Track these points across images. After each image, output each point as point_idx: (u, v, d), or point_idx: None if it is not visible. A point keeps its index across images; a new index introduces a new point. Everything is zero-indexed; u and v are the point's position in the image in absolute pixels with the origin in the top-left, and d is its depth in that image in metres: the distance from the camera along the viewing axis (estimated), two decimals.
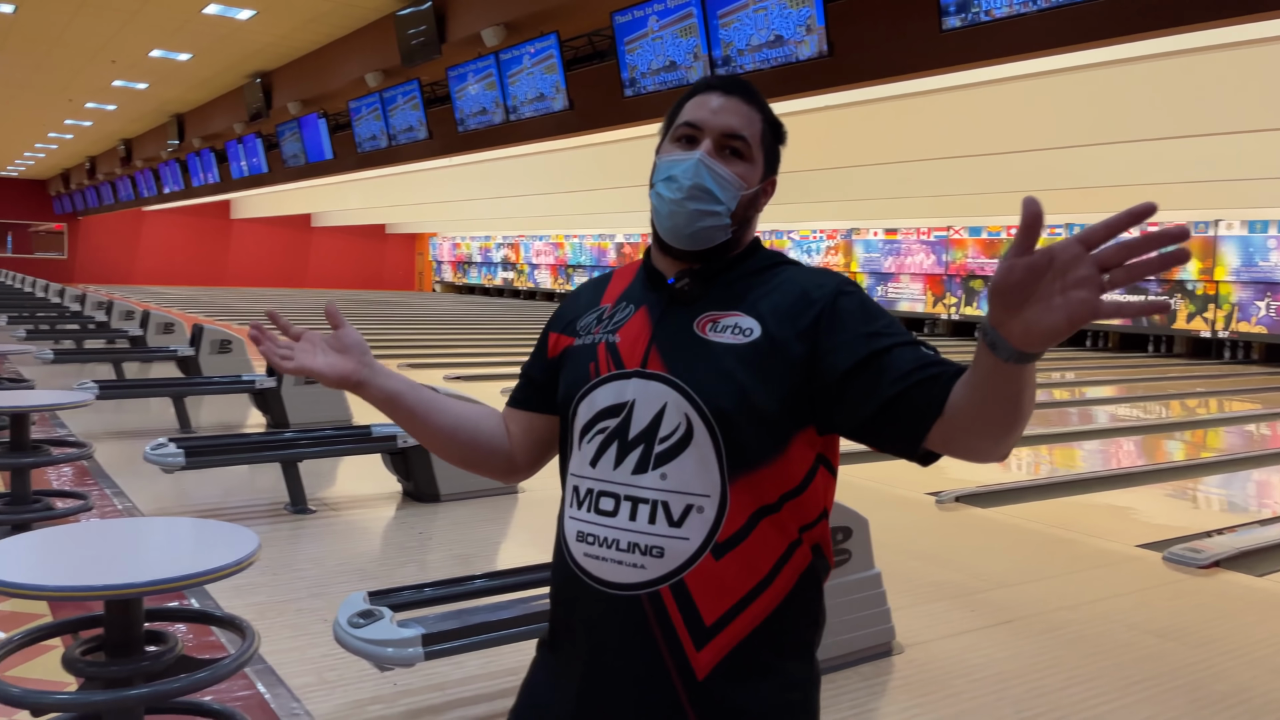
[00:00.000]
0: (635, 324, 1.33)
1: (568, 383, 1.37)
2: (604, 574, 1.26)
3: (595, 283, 1.46)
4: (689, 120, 1.33)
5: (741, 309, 1.28)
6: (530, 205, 24.99)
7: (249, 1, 10.61)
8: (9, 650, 2.51)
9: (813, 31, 5.92)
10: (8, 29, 12.18)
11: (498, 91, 9.22)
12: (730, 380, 1.23)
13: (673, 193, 1.30)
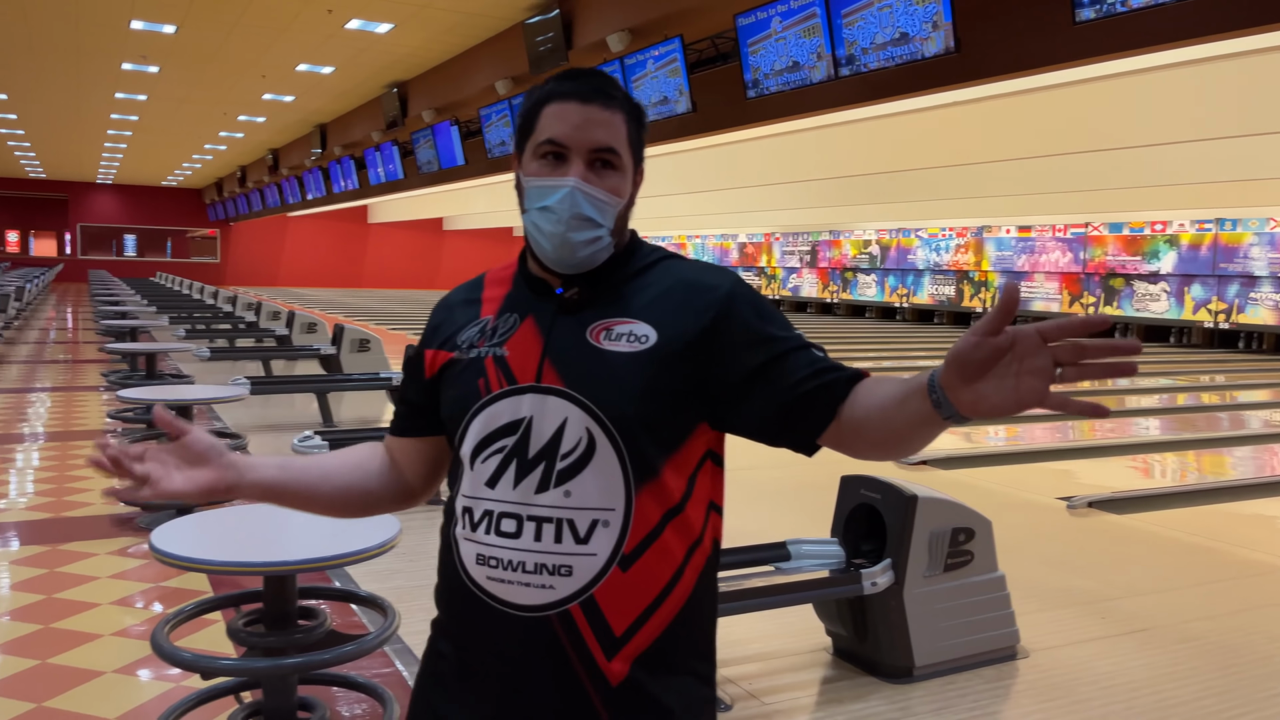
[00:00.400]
0: (524, 335, 1.27)
1: (453, 401, 1.29)
2: (510, 596, 1.22)
3: (467, 290, 1.37)
4: (549, 138, 1.25)
5: (633, 315, 1.25)
6: (652, 206, 25.19)
7: (387, 16, 11.10)
8: (180, 620, 2.76)
9: (939, 28, 5.84)
10: (169, 49, 13.07)
11: None
12: (629, 391, 1.21)
13: (551, 224, 1.24)
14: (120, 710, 3.05)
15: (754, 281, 29.44)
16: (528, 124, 1.29)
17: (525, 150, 1.29)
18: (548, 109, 1.26)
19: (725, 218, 26.62)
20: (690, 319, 1.25)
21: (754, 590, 3.32)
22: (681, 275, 1.30)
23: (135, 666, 3.39)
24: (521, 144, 1.31)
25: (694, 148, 15.65)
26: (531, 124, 1.28)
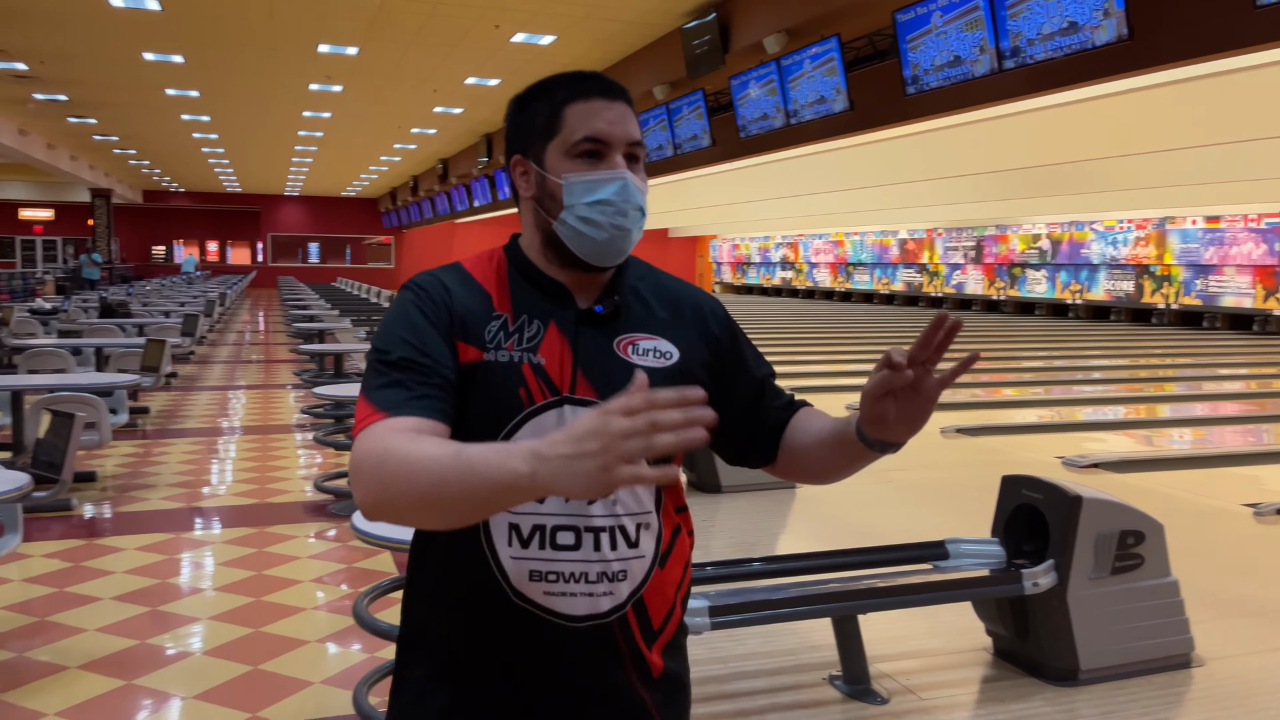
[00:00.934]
0: (552, 343, 1.26)
1: (486, 406, 1.22)
2: (571, 609, 1.23)
3: (458, 282, 1.29)
4: (593, 135, 1.25)
5: (655, 331, 1.32)
6: (809, 204, 24.98)
7: (550, 28, 11.52)
8: (376, 594, 3.04)
9: (1111, 15, 5.64)
10: (351, 69, 13.96)
11: (779, 97, 9.43)
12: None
13: (608, 217, 1.25)
14: (323, 675, 3.38)
15: (916, 279, 28.72)
16: (546, 125, 1.27)
17: (545, 153, 1.27)
18: (573, 108, 1.26)
19: (885, 214, 26.08)
20: (702, 340, 1.36)
21: (912, 586, 3.36)
22: (682, 292, 1.39)
23: (333, 638, 3.74)
24: (536, 147, 1.28)
25: (851, 145, 15.44)
26: (553, 124, 1.27)
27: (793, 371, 12.29)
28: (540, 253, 1.31)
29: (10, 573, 4.36)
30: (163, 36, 12.30)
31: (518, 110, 1.33)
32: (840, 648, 3.27)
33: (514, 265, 1.32)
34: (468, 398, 1.22)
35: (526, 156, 1.30)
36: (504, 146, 1.36)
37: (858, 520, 5.52)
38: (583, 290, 1.31)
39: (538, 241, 1.31)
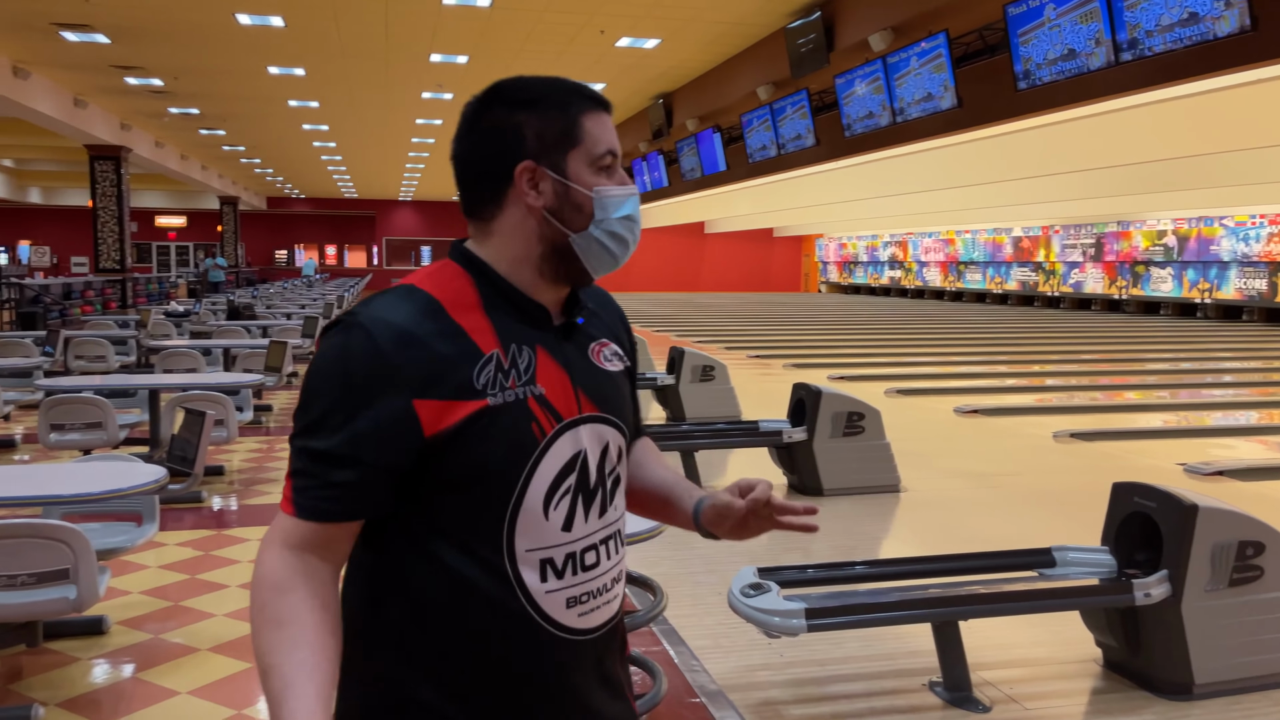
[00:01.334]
0: (547, 369, 1.20)
1: (505, 451, 1.15)
2: (595, 621, 1.24)
3: (428, 321, 1.15)
4: (613, 149, 1.24)
5: (605, 334, 1.34)
6: (918, 202, 24.46)
7: (655, 32, 11.61)
8: None
9: (1233, 6, 5.39)
10: (462, 77, 14.34)
11: (885, 95, 9.30)
12: (631, 405, 1.36)
13: (631, 232, 1.25)
14: None
15: (1031, 278, 27.83)
16: (564, 134, 1.21)
17: (568, 162, 1.21)
18: (588, 119, 1.22)
19: (998, 211, 25.35)
20: (624, 337, 1.39)
21: (1016, 594, 3.30)
22: (602, 293, 1.40)
23: None
24: (557, 155, 1.21)
25: (961, 141, 15.10)
26: (572, 134, 1.21)
27: (901, 373, 12.09)
28: (534, 267, 1.22)
29: (148, 559, 4.67)
30: (286, 51, 12.87)
31: (508, 113, 1.21)
32: (940, 654, 3.24)
33: (490, 290, 1.21)
34: (469, 447, 1.13)
35: (541, 163, 1.20)
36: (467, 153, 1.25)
37: (963, 526, 5.42)
38: (554, 304, 1.26)
39: (534, 255, 1.22)
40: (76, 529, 2.98)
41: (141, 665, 3.49)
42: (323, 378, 1.14)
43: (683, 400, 8.40)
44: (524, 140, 1.20)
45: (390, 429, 1.11)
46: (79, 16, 11.22)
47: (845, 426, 5.99)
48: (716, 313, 24.89)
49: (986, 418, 9.02)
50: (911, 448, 7.32)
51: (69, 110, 16.05)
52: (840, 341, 16.66)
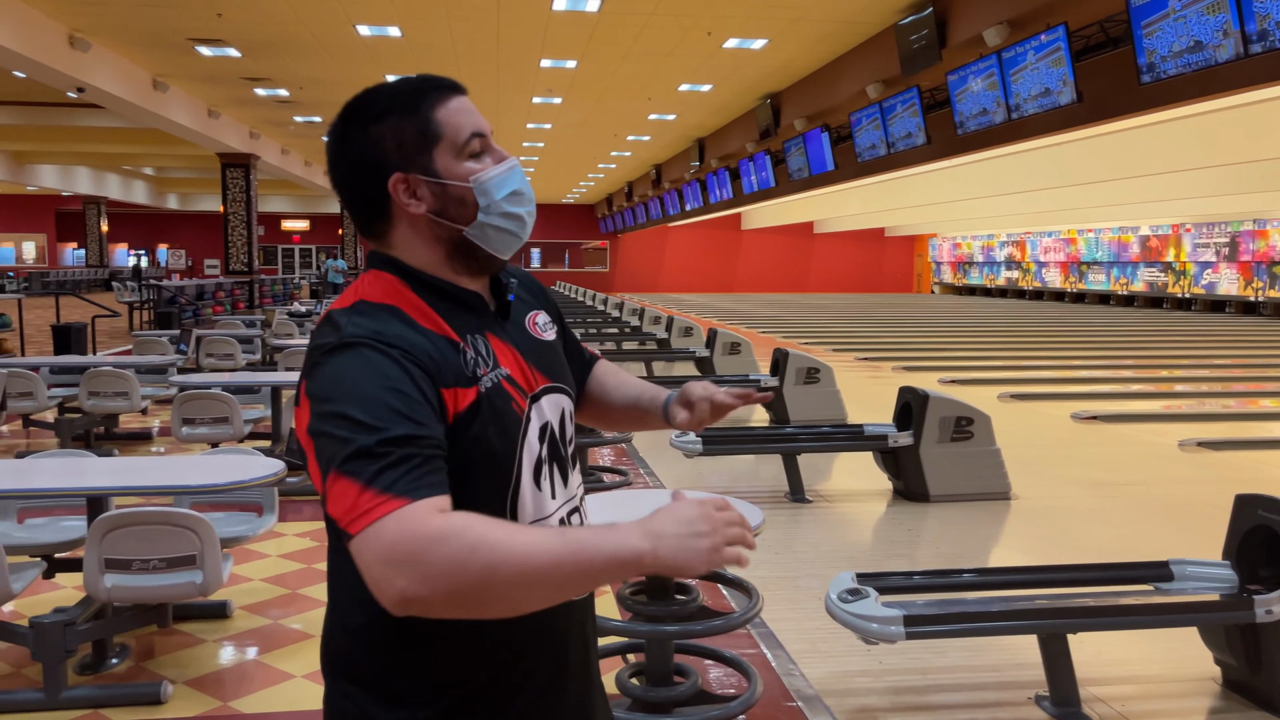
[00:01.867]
0: (501, 351, 1.25)
1: (499, 434, 1.20)
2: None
3: (401, 323, 1.17)
4: (478, 130, 1.24)
5: (532, 306, 1.39)
6: (1037, 200, 23.65)
7: (763, 32, 11.56)
8: None
9: None
10: (571, 81, 14.56)
11: (999, 91, 9.04)
12: (567, 367, 1.41)
13: (525, 206, 1.27)
14: None
15: (1160, 279, 26.60)
16: (419, 135, 1.21)
17: (434, 159, 1.21)
18: (440, 111, 1.22)
19: (1124, 209, 24.32)
20: (545, 300, 1.44)
21: (1130, 608, 3.18)
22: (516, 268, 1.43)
23: None
24: (421, 157, 1.21)
25: (1082, 137, 14.57)
26: (429, 129, 1.21)
27: (1016, 378, 11.73)
28: (446, 265, 1.24)
29: (268, 549, 4.90)
30: (403, 60, 13.30)
31: (363, 130, 1.22)
32: (1047, 667, 3.15)
33: (425, 290, 1.23)
34: (474, 431, 1.17)
35: (410, 171, 1.21)
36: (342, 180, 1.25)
37: (1077, 536, 5.24)
38: (483, 290, 1.30)
39: (440, 255, 1.24)
40: (203, 518, 3.16)
41: (262, 649, 3.68)
42: (355, 383, 1.09)
43: (786, 403, 8.34)
44: (386, 153, 1.21)
45: (434, 406, 1.12)
46: (213, 32, 11.83)
47: (953, 431, 5.86)
48: (824, 314, 24.58)
49: (1106, 424, 8.68)
50: (1025, 454, 7.11)
51: (203, 120, 16.94)
52: (953, 344, 16.25)
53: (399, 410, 1.07)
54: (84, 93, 13.06)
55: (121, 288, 24.56)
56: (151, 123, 15.90)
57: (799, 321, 22.03)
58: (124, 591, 3.12)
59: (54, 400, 7.19)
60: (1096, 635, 3.53)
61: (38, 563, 3.41)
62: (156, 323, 16.35)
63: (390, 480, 1.02)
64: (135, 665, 3.50)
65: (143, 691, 3.22)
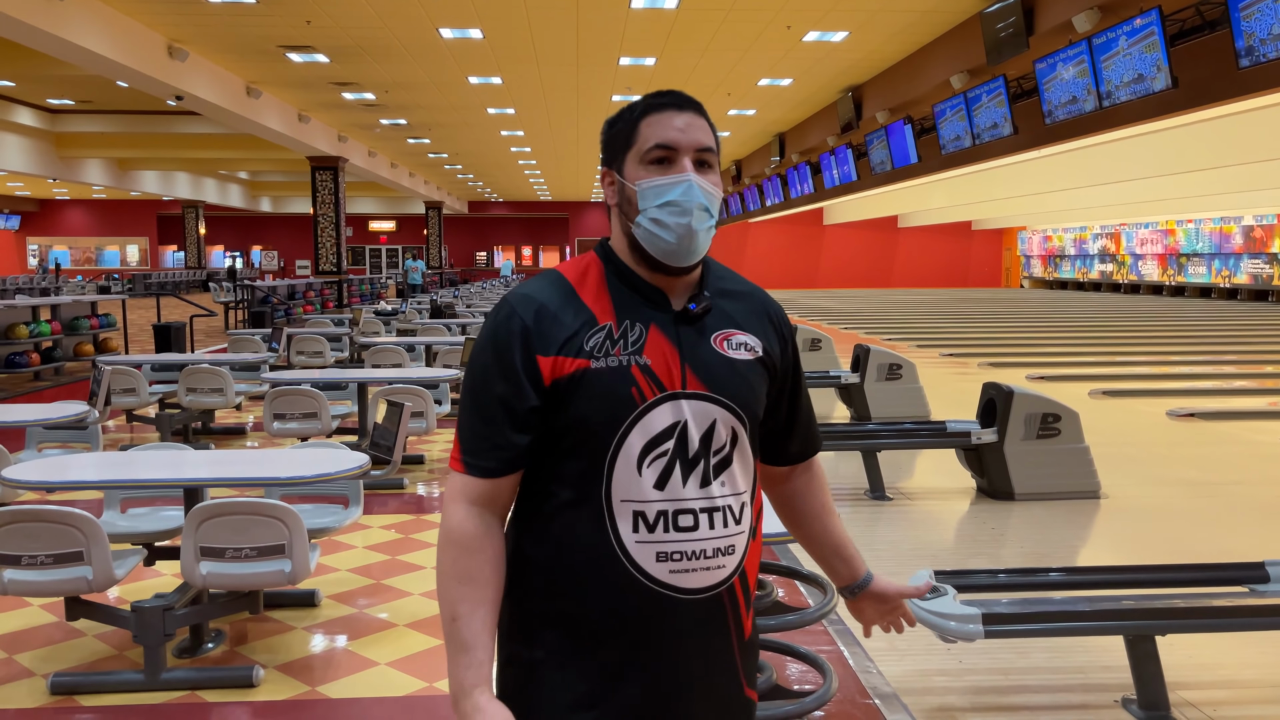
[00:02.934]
0: (657, 344, 1.34)
1: (602, 407, 1.32)
2: (692, 583, 1.34)
3: (557, 294, 1.37)
4: (662, 143, 1.36)
5: (740, 326, 1.43)
6: (1133, 191, 22.86)
7: (843, 25, 11.42)
8: None
9: None
10: (650, 78, 14.60)
11: (1090, 78, 8.77)
12: (755, 392, 1.42)
13: (676, 217, 1.34)
14: None
15: (1265, 271, 25.45)
16: (626, 139, 1.39)
17: (625, 163, 1.38)
18: (646, 120, 1.37)
19: (1225, 198, 23.35)
20: (772, 334, 1.47)
21: (1223, 610, 3.07)
22: (744, 289, 1.49)
23: None
24: (619, 159, 1.40)
25: (1179, 124, 14.05)
26: (631, 137, 1.38)
27: (1108, 374, 11.37)
28: (630, 256, 1.40)
29: (354, 540, 5.05)
30: (485, 61, 13.51)
31: (608, 129, 1.43)
32: (1134, 669, 3.06)
33: (612, 271, 1.40)
34: (573, 402, 1.32)
35: (611, 168, 1.41)
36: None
37: (1170, 535, 5.07)
38: (675, 292, 1.40)
39: (625, 245, 1.41)
40: (292, 509, 3.27)
41: (349, 636, 3.79)
42: (480, 349, 1.37)
43: (868, 399, 8.24)
44: (606, 150, 1.42)
45: (525, 377, 1.33)
46: (302, 39, 12.20)
47: (1040, 428, 5.72)
48: (909, 310, 24.15)
49: (1205, 422, 8.35)
50: (1116, 452, 6.90)
51: (294, 125, 17.46)
52: (1042, 340, 15.82)
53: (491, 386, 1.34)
54: (182, 100, 13.59)
55: (218, 288, 25.48)
56: (245, 128, 16.46)
57: (882, 317, 21.70)
58: (218, 578, 3.26)
59: (155, 396, 7.51)
60: (1187, 637, 3.42)
61: (139, 550, 3.58)
62: (250, 322, 16.92)
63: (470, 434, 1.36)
64: (229, 650, 3.64)
65: (236, 675, 3.36)
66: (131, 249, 41.45)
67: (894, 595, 1.60)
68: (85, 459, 4.05)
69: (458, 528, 1.34)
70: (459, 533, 1.34)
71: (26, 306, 11.67)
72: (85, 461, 3.95)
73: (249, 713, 3.17)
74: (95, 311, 13.18)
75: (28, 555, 3.13)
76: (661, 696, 1.36)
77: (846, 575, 1.60)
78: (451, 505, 1.36)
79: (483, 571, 1.33)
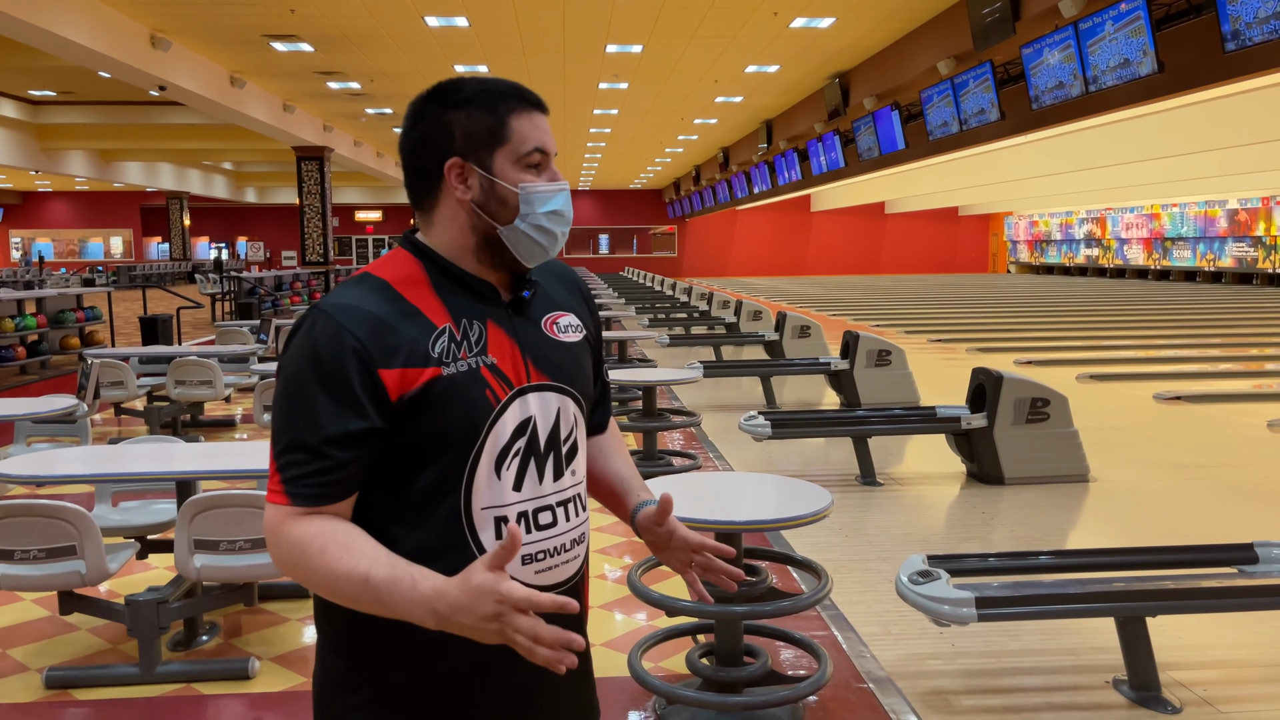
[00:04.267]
0: (497, 340, 1.30)
1: (460, 415, 1.24)
2: (553, 579, 1.32)
3: (385, 303, 1.26)
4: (541, 147, 1.32)
5: (561, 307, 1.41)
6: (1118, 175, 22.95)
7: (830, 10, 11.40)
8: (648, 568, 3.25)
9: None
10: (636, 66, 14.55)
11: (1076, 63, 8.79)
12: (586, 374, 1.41)
13: (560, 225, 1.33)
14: (603, 639, 3.66)
15: (1249, 254, 25.60)
16: (492, 133, 1.30)
17: (494, 159, 1.30)
18: (516, 119, 1.31)
19: (1210, 182, 23.45)
20: (584, 309, 1.46)
21: (1212, 590, 3.10)
22: (562, 268, 1.48)
23: (612, 606, 4.01)
24: (484, 153, 1.30)
25: (1164, 109, 14.10)
26: (501, 133, 1.30)
27: (1096, 358, 11.43)
28: (472, 255, 1.32)
29: None
30: (470, 49, 13.44)
31: (441, 112, 1.31)
32: (1125, 651, 3.09)
33: (434, 268, 1.32)
34: (426, 413, 1.23)
35: (468, 160, 1.30)
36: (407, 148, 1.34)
37: (1158, 519, 5.11)
38: (501, 283, 1.36)
39: (471, 244, 1.32)
40: None
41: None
42: (297, 371, 1.23)
43: (857, 385, 8.27)
44: (453, 138, 1.30)
45: (365, 398, 1.21)
46: (287, 28, 12.10)
47: (1029, 413, 5.75)
48: (897, 296, 24.22)
49: (1191, 405, 8.42)
50: (1104, 436, 6.95)
51: (279, 115, 17.34)
52: (1029, 325, 15.90)
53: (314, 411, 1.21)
54: (165, 91, 13.47)
55: (204, 280, 25.34)
56: (230, 118, 16.34)
57: (870, 304, 21.75)
58: (212, 571, 3.25)
59: (143, 389, 7.47)
60: (1177, 619, 3.46)
61: (131, 544, 3.57)
62: (237, 313, 16.84)
63: (287, 476, 1.22)
64: (224, 642, 3.64)
65: (232, 667, 3.36)
66: (116, 241, 41.15)
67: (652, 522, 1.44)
68: (75, 453, 4.03)
69: (301, 538, 1.19)
70: (304, 538, 1.19)
71: (12, 300, 11.58)
72: (75, 455, 3.93)
73: (246, 705, 3.17)
74: (81, 304, 13.10)
75: (20, 550, 3.12)
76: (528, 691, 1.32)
77: (621, 511, 1.52)
78: (281, 529, 1.21)
79: (351, 532, 1.21)
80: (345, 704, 1.29)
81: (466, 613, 1.11)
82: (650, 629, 3.67)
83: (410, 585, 1.14)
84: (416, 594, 1.13)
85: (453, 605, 1.11)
